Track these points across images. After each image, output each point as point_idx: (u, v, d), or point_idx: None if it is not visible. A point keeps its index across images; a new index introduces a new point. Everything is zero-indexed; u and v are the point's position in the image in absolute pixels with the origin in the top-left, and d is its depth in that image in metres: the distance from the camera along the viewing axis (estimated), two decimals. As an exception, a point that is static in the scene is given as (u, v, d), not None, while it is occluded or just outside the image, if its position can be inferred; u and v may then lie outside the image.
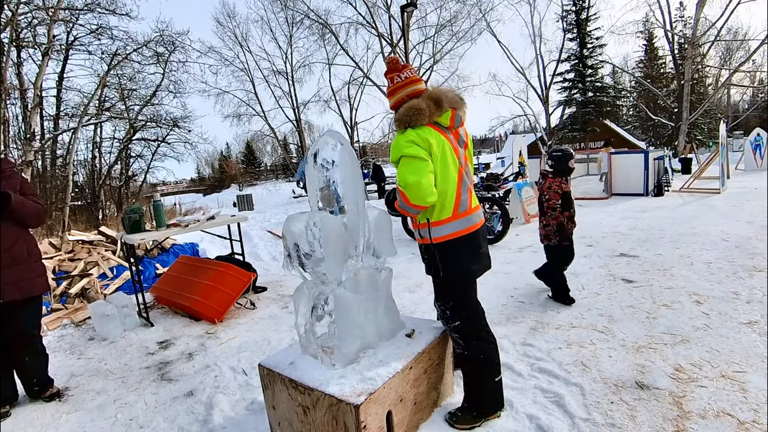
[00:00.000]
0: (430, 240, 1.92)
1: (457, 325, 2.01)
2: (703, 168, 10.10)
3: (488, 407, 2.01)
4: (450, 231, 1.90)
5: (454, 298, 2.01)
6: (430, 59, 21.70)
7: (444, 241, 1.91)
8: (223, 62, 21.17)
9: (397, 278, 4.41)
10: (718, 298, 3.22)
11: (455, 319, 2.01)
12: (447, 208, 1.89)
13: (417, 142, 1.80)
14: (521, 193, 7.12)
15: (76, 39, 10.64)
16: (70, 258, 5.04)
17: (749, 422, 1.86)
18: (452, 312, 2.01)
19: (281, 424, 1.97)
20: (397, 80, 1.98)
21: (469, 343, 1.99)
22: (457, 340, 2.04)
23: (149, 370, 2.95)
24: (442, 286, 2.03)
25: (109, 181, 12.87)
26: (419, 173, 1.77)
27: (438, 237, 1.91)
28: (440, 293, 2.05)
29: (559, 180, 3.33)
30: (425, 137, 1.81)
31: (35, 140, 9.09)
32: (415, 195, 1.77)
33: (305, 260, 1.89)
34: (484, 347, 2.00)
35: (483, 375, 2.01)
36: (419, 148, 1.79)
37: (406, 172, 1.79)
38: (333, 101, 23.52)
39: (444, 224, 1.90)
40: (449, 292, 2.01)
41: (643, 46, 29.04)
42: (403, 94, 1.95)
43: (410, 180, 1.76)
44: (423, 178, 1.76)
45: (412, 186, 1.76)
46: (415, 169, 1.78)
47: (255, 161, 49.92)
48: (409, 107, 1.86)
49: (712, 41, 18.26)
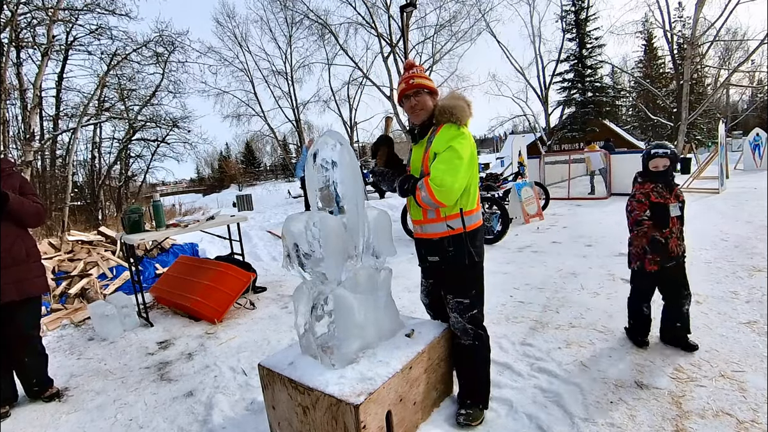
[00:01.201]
0: (464, 228, 1.97)
1: (475, 313, 2.04)
2: (703, 168, 10.11)
3: (487, 399, 2.11)
4: (477, 220, 2.04)
5: (478, 285, 2.06)
6: (430, 59, 21.68)
7: (474, 229, 2.01)
8: (222, 62, 21.11)
9: (397, 278, 4.40)
10: (718, 298, 3.22)
11: (474, 307, 2.04)
12: (475, 199, 2.03)
13: (469, 142, 1.90)
14: (520, 193, 7.12)
15: (76, 39, 10.63)
16: (69, 258, 5.04)
17: (748, 421, 1.87)
18: (473, 300, 2.04)
19: (281, 424, 1.97)
20: (418, 70, 2.06)
21: (480, 329, 2.06)
22: (468, 331, 2.05)
23: (149, 371, 2.94)
24: (470, 273, 2.03)
25: (108, 181, 12.86)
26: (456, 175, 1.83)
27: (471, 225, 2.00)
28: (465, 283, 2.04)
29: (650, 185, 2.57)
30: (472, 141, 1.95)
31: (35, 140, 9.07)
32: (446, 197, 1.83)
33: (305, 260, 1.89)
34: (486, 333, 2.10)
35: (486, 367, 2.11)
36: (468, 149, 1.88)
37: (445, 172, 1.82)
38: (332, 101, 23.48)
39: (473, 213, 2.02)
40: (476, 279, 2.06)
41: (643, 46, 29.09)
42: (434, 84, 2.04)
43: (447, 182, 1.81)
44: (458, 182, 1.84)
45: (448, 188, 1.81)
46: (455, 170, 1.83)
47: (254, 161, 49.90)
48: (456, 106, 1.92)
49: (711, 41, 18.25)
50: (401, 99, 2.04)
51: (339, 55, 21.93)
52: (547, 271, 4.31)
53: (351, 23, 20.60)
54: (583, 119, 21.24)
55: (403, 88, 2.02)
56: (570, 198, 9.78)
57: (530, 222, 7.12)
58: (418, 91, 1.98)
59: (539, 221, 7.20)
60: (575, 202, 9.19)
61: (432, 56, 21.52)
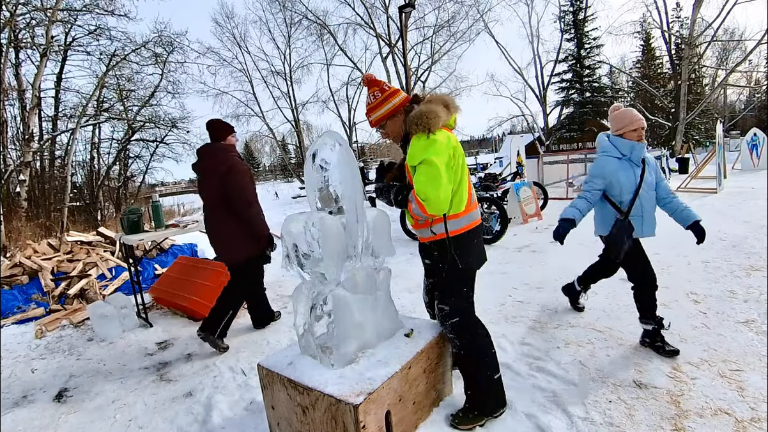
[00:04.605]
0: (447, 233, 1.93)
1: (455, 321, 2.00)
2: (700, 168, 10.14)
3: (490, 406, 2.01)
4: (464, 224, 1.96)
5: (462, 291, 2.02)
6: (428, 60, 21.74)
7: (458, 234, 1.95)
8: (221, 63, 21.15)
9: (396, 278, 4.41)
10: (716, 297, 3.23)
11: (454, 315, 2.00)
12: (463, 201, 1.95)
13: (443, 147, 1.81)
14: (519, 193, 7.13)
15: (75, 40, 10.61)
16: (68, 259, 5.03)
17: (747, 420, 1.87)
18: (453, 308, 2.00)
19: (280, 424, 1.97)
20: (378, 95, 1.98)
21: (464, 339, 1.99)
22: (453, 340, 2.03)
23: (148, 371, 2.94)
24: (453, 278, 2.00)
25: (107, 181, 12.81)
26: (438, 187, 1.77)
27: (454, 230, 1.94)
28: (449, 287, 2.02)
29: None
30: (449, 142, 1.86)
31: (34, 141, 9.06)
32: (434, 208, 1.80)
33: (304, 260, 1.90)
34: (479, 340, 2.01)
35: (482, 373, 2.00)
36: (443, 155, 1.81)
37: (426, 184, 1.78)
38: (331, 102, 23.55)
39: (459, 217, 1.95)
40: (460, 284, 2.02)
41: (641, 46, 29.13)
42: (400, 100, 1.97)
43: (431, 194, 1.77)
44: (441, 191, 1.78)
45: (432, 200, 1.78)
46: (434, 180, 1.77)
47: (253, 162, 49.88)
48: (424, 113, 1.83)
49: (709, 41, 18.31)
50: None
51: (338, 55, 22.05)
52: (546, 271, 4.32)
53: (350, 24, 20.66)
54: (581, 119, 21.32)
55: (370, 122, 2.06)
56: (568, 198, 9.80)
57: (529, 222, 7.13)
58: (382, 125, 2.01)
59: (538, 221, 7.21)
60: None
61: (431, 56, 21.60)
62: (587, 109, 21.45)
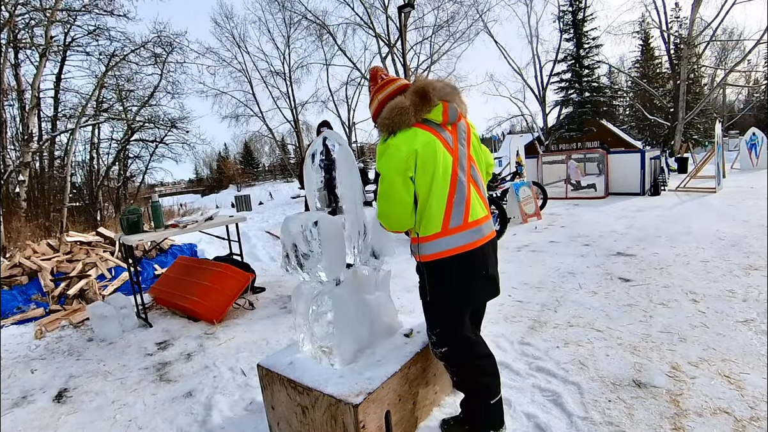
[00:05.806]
0: (419, 257, 1.67)
1: (444, 351, 1.78)
2: (699, 167, 10.15)
3: (483, 428, 1.81)
4: (440, 249, 1.59)
5: (443, 328, 1.75)
6: (428, 60, 21.74)
7: (433, 261, 1.61)
8: (221, 63, 21.11)
9: (396, 278, 4.41)
10: (715, 297, 3.24)
11: (441, 345, 1.78)
12: (434, 222, 1.58)
13: (396, 155, 1.52)
14: (518, 193, 7.14)
15: (74, 40, 10.60)
16: (68, 259, 5.03)
17: (746, 419, 1.88)
18: (438, 338, 1.78)
19: (280, 424, 1.97)
20: (372, 89, 1.74)
21: (454, 367, 1.82)
22: (446, 366, 1.87)
23: (148, 371, 2.94)
24: (427, 311, 1.79)
25: (107, 182, 12.81)
26: (389, 202, 1.56)
27: (426, 255, 1.62)
28: (427, 319, 1.82)
29: None
30: (409, 145, 1.52)
31: (33, 141, 9.06)
32: (386, 223, 1.65)
33: (303, 260, 1.90)
34: (471, 369, 1.77)
35: (474, 400, 1.81)
36: (395, 164, 1.53)
37: (379, 198, 1.58)
38: (331, 102, 23.54)
39: (432, 240, 1.59)
40: (438, 321, 1.75)
41: (640, 46, 29.15)
42: (383, 95, 1.67)
43: (381, 210, 1.61)
44: (392, 207, 1.57)
45: (383, 215, 1.62)
46: (384, 195, 1.56)
47: (253, 162, 49.84)
48: (391, 107, 1.56)
49: (708, 41, 18.32)
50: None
51: (337, 55, 22.03)
52: (546, 271, 4.33)
53: (349, 24, 20.66)
54: (580, 119, 21.31)
55: None
56: (568, 198, 9.80)
57: (528, 221, 7.14)
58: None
59: (537, 221, 7.21)
60: (573, 202, 9.20)
61: (430, 56, 21.60)
62: (586, 108, 21.44)
